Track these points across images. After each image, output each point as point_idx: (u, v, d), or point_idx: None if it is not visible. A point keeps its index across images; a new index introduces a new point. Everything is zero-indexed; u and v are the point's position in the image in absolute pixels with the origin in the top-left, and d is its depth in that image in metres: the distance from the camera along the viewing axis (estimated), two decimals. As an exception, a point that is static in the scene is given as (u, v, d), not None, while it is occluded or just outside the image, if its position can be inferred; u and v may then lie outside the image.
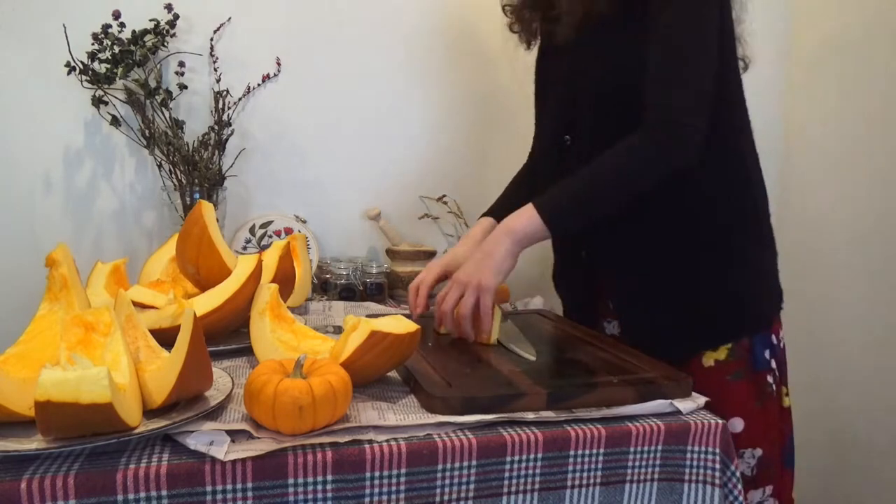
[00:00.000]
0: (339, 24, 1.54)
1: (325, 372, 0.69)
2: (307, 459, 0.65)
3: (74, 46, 1.32)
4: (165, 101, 1.39)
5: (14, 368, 0.70)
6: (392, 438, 0.69)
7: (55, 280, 0.81)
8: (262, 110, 1.52)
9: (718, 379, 1.00)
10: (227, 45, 1.48)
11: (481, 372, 0.86)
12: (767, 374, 1.02)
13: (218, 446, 0.63)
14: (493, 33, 1.64)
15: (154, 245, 1.45)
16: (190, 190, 1.37)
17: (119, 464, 0.61)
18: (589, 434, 0.74)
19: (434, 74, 1.62)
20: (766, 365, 1.02)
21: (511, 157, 1.71)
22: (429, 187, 1.65)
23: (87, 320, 0.72)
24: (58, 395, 0.57)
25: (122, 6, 1.35)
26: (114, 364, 0.69)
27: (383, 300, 1.42)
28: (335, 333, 1.11)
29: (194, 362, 0.68)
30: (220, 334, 0.98)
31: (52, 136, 1.41)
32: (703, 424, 0.78)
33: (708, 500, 0.78)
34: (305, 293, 1.26)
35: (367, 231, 1.62)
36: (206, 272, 1.02)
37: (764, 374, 1.02)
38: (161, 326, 0.89)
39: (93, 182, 1.45)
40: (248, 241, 1.50)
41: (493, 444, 0.70)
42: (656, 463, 0.77)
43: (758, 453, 1.01)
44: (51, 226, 1.43)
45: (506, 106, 1.68)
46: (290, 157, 1.55)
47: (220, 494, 0.63)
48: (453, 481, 0.70)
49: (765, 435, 1.01)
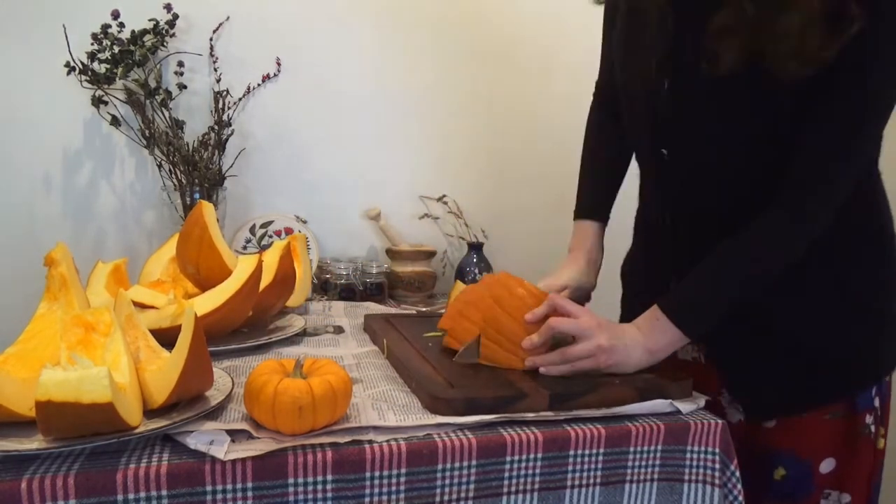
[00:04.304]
0: (339, 24, 1.54)
1: (325, 372, 0.69)
2: (307, 459, 0.65)
3: (74, 46, 1.32)
4: (165, 101, 1.39)
5: (14, 368, 0.70)
6: (392, 438, 0.69)
7: (54, 279, 0.81)
8: (262, 110, 1.52)
9: (816, 417, 0.90)
10: (227, 45, 1.48)
11: (483, 372, 0.86)
12: (868, 414, 0.91)
13: (218, 446, 0.63)
14: (494, 33, 1.65)
15: (154, 245, 1.45)
16: (190, 190, 1.38)
17: (119, 464, 0.61)
18: (589, 434, 0.74)
19: (434, 74, 1.62)
20: (869, 404, 0.91)
21: (511, 157, 1.71)
22: (429, 187, 1.65)
23: (87, 320, 0.72)
24: (58, 395, 0.57)
25: (121, 6, 1.35)
26: (114, 364, 0.69)
27: (383, 300, 1.42)
28: (335, 333, 1.11)
29: (195, 362, 0.68)
30: (220, 334, 0.98)
31: (52, 136, 1.41)
32: (703, 424, 0.78)
33: (708, 500, 0.78)
34: (305, 293, 1.26)
35: (367, 231, 1.62)
36: (206, 272, 1.02)
37: (864, 413, 0.90)
38: (161, 326, 0.89)
39: (93, 182, 1.45)
40: (248, 241, 1.50)
41: (493, 444, 0.70)
42: (656, 463, 0.77)
43: (845, 499, 0.92)
44: (51, 226, 1.43)
45: (506, 106, 1.68)
46: (290, 157, 1.55)
47: (220, 494, 0.63)
48: (453, 481, 0.70)
49: (854, 478, 0.91)
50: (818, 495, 0.91)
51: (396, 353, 0.91)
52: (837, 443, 0.90)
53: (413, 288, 1.47)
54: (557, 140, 1.69)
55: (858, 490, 0.92)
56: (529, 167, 1.71)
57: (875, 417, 0.92)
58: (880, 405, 0.92)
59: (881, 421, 0.93)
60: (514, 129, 1.70)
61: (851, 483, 0.91)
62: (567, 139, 1.68)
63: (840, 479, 0.91)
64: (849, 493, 0.92)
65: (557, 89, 1.69)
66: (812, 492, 0.91)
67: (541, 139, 1.71)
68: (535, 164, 1.71)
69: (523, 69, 1.68)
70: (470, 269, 1.51)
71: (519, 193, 1.71)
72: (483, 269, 1.51)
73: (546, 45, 1.67)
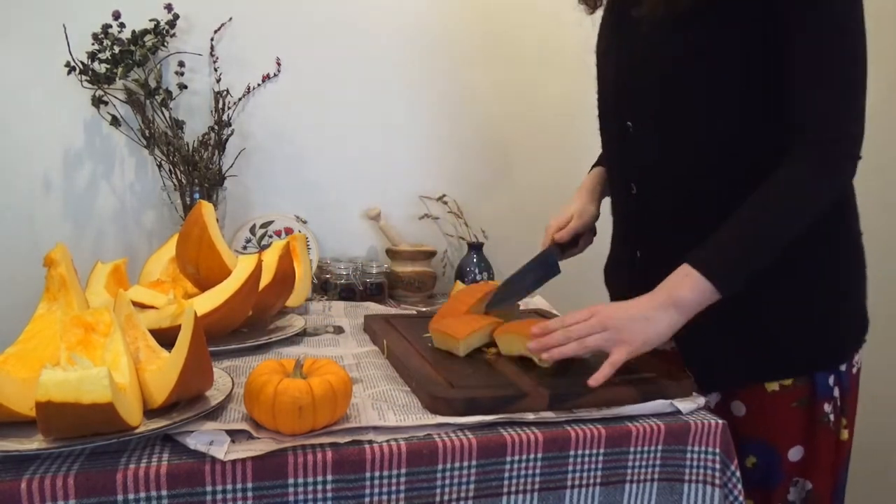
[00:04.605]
0: (339, 23, 1.54)
1: (324, 372, 0.70)
2: (307, 459, 0.65)
3: (74, 46, 1.32)
4: (165, 101, 1.39)
5: (14, 368, 0.70)
6: (392, 438, 0.69)
7: (53, 280, 0.81)
8: (262, 110, 1.52)
9: (782, 405, 0.91)
10: (227, 45, 1.48)
11: (483, 372, 0.86)
12: (826, 403, 0.91)
13: (218, 446, 0.63)
14: (495, 33, 1.65)
15: (154, 245, 1.45)
16: (190, 190, 1.38)
17: (119, 464, 0.61)
18: (589, 434, 0.74)
19: (434, 74, 1.62)
20: (828, 393, 0.91)
21: (511, 156, 1.71)
22: (429, 187, 1.65)
23: (86, 321, 0.72)
24: (59, 396, 0.57)
25: (122, 6, 1.35)
26: (114, 364, 0.69)
27: (383, 300, 1.42)
28: (335, 333, 1.11)
29: (195, 362, 0.68)
30: (220, 334, 0.98)
31: (52, 136, 1.41)
32: (703, 424, 0.78)
33: (708, 500, 0.78)
34: (305, 293, 1.26)
35: (367, 231, 1.62)
36: (206, 272, 1.02)
37: (822, 402, 0.91)
38: (161, 326, 0.89)
39: (93, 182, 1.45)
40: (248, 241, 1.50)
41: (493, 445, 0.70)
42: (656, 463, 0.77)
43: (808, 486, 0.93)
44: (51, 226, 1.43)
45: (506, 106, 1.68)
46: (290, 157, 1.55)
47: (220, 494, 0.63)
48: (453, 481, 0.70)
49: (816, 467, 0.93)
50: (788, 482, 0.93)
51: (396, 353, 0.91)
52: (803, 431, 0.92)
53: (413, 288, 1.47)
54: (558, 140, 1.69)
55: (821, 479, 0.93)
56: (530, 167, 1.71)
57: (834, 407, 0.92)
58: (840, 395, 0.93)
59: (842, 412, 0.94)
60: (515, 129, 1.70)
61: (814, 472, 0.93)
62: (568, 139, 1.69)
63: (806, 467, 0.93)
64: (811, 481, 0.93)
65: (558, 89, 1.69)
66: (781, 479, 0.93)
67: (541, 139, 1.71)
68: (536, 163, 1.71)
69: (524, 69, 1.68)
70: (470, 269, 1.51)
71: (519, 193, 1.71)
72: (483, 269, 1.51)
73: (546, 45, 1.67)
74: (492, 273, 1.52)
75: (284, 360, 0.72)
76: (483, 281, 1.45)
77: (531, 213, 1.72)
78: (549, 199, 1.67)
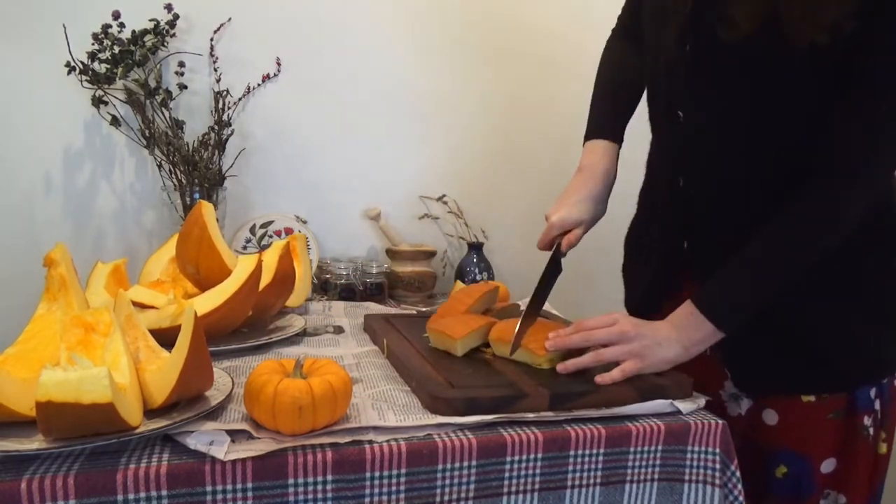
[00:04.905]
0: (339, 23, 1.54)
1: (324, 372, 0.69)
2: (307, 459, 0.65)
3: (74, 46, 1.32)
4: (165, 101, 1.39)
5: (14, 368, 0.70)
6: (392, 438, 0.69)
7: (53, 280, 0.81)
8: (262, 110, 1.52)
9: (818, 416, 0.90)
10: (227, 45, 1.48)
11: (483, 372, 0.86)
12: (867, 416, 0.90)
13: (218, 446, 0.63)
14: (494, 33, 1.65)
15: (154, 245, 1.45)
16: (190, 190, 1.38)
17: (119, 464, 0.61)
18: (589, 434, 0.74)
19: (434, 74, 1.62)
20: (868, 405, 0.90)
21: (512, 156, 1.71)
22: (429, 187, 1.65)
23: (86, 321, 0.72)
24: (59, 396, 0.57)
25: (122, 6, 1.35)
26: (114, 364, 0.69)
27: (383, 300, 1.42)
28: (335, 333, 1.11)
29: (195, 362, 0.68)
30: (220, 334, 0.98)
31: (52, 136, 1.41)
32: (703, 424, 0.78)
33: (708, 500, 0.78)
34: (305, 293, 1.26)
35: (367, 231, 1.62)
36: (206, 272, 1.02)
37: (863, 414, 0.90)
38: (161, 326, 0.89)
39: (93, 182, 1.45)
40: (248, 241, 1.50)
41: (493, 445, 0.70)
42: (656, 463, 0.77)
43: (841, 500, 0.92)
44: (51, 226, 1.43)
45: (506, 106, 1.68)
46: (290, 157, 1.55)
47: (220, 494, 0.63)
48: (453, 481, 0.70)
49: (851, 480, 0.91)
50: (819, 495, 0.91)
51: (396, 353, 0.91)
52: (838, 443, 0.90)
53: (413, 288, 1.47)
54: (558, 139, 1.69)
55: (857, 493, 0.92)
56: (530, 167, 1.71)
57: (874, 420, 0.91)
58: (881, 409, 0.91)
59: (882, 425, 0.92)
60: (515, 129, 1.70)
61: (850, 485, 0.91)
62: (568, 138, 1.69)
63: (839, 480, 0.91)
64: (846, 494, 0.91)
65: (557, 88, 1.69)
66: (813, 491, 0.91)
67: (541, 139, 1.71)
68: (536, 163, 1.71)
69: (523, 68, 1.68)
70: (470, 269, 1.51)
71: (519, 193, 1.71)
72: (483, 269, 1.51)
73: (544, 45, 1.67)
74: (492, 273, 1.52)
75: (284, 360, 0.72)
76: (483, 281, 1.46)
77: (531, 212, 1.72)
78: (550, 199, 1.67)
